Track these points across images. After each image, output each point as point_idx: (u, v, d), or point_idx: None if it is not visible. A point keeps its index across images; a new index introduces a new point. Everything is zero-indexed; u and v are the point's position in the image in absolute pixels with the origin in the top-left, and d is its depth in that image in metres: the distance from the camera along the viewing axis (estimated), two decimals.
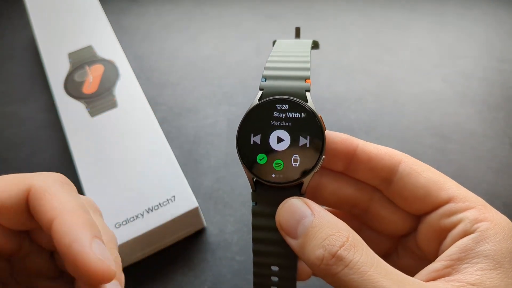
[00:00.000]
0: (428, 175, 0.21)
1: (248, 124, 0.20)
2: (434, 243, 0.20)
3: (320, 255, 0.17)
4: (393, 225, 0.23)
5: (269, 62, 0.21)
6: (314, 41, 0.24)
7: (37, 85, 0.44)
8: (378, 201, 0.23)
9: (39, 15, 0.43)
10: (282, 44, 0.23)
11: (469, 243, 0.18)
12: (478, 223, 0.18)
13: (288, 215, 0.19)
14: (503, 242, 0.18)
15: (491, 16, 0.48)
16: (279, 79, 0.21)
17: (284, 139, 0.20)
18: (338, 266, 0.16)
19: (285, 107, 0.20)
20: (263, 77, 0.21)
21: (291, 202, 0.19)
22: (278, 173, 0.20)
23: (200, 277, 0.32)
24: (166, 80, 0.44)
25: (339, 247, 0.17)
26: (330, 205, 0.24)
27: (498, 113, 0.40)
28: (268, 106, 0.20)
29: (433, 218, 0.20)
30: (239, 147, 0.20)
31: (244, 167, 0.20)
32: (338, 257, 0.17)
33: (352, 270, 0.16)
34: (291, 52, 0.22)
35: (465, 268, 0.17)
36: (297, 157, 0.19)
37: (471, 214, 0.19)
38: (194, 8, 0.51)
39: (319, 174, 0.23)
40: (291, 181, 0.19)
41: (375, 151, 0.21)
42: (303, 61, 0.21)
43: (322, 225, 0.18)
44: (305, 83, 0.20)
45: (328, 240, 0.17)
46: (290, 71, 0.21)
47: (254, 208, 0.20)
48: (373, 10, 0.50)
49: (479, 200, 0.20)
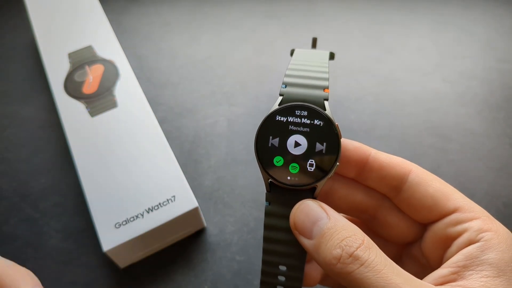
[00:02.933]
0: (436, 185, 0.21)
1: (267, 127, 0.21)
2: (439, 250, 0.21)
3: (337, 255, 0.18)
4: (400, 232, 0.23)
5: (289, 70, 0.22)
6: (330, 52, 0.25)
7: (37, 85, 0.44)
8: (387, 209, 0.23)
9: (39, 15, 0.43)
10: (301, 54, 0.24)
11: (474, 251, 0.19)
12: (483, 233, 0.19)
13: (303, 216, 0.19)
14: (507, 252, 0.18)
15: (491, 16, 0.48)
16: (299, 87, 0.21)
17: (301, 144, 0.20)
18: (354, 265, 0.17)
19: (304, 113, 0.21)
20: (284, 84, 0.22)
21: (306, 203, 0.20)
22: (293, 176, 0.20)
23: (200, 277, 0.32)
24: (166, 80, 0.44)
25: (356, 248, 0.18)
26: (340, 210, 0.24)
27: (498, 113, 0.40)
28: (287, 111, 0.21)
29: (439, 227, 0.21)
30: (257, 148, 0.21)
31: (261, 168, 0.21)
32: (355, 257, 0.17)
33: (367, 269, 0.17)
34: (311, 61, 0.23)
35: (470, 275, 0.18)
36: (313, 162, 0.20)
37: (476, 224, 0.20)
38: (194, 8, 0.51)
39: (332, 179, 0.23)
40: (306, 184, 0.20)
41: (387, 160, 0.22)
42: (322, 71, 0.22)
43: (338, 227, 0.19)
44: (323, 92, 0.21)
45: (346, 241, 0.18)
46: (310, 80, 0.22)
47: (267, 208, 0.21)
48: (373, 10, 0.50)
49: (484, 211, 0.20)
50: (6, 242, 0.34)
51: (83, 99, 0.37)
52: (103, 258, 0.33)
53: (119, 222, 0.30)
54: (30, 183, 0.37)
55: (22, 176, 0.38)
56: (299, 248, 0.20)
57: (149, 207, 0.30)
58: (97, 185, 0.32)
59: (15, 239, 0.34)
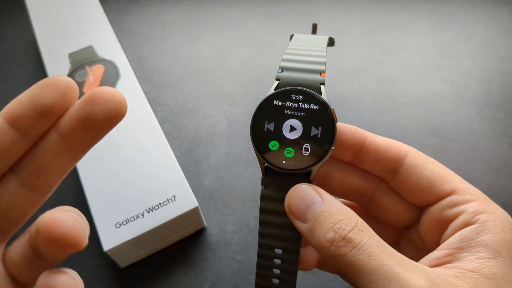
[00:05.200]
0: (433, 168, 0.21)
1: (263, 112, 0.21)
2: (435, 233, 0.21)
3: (331, 238, 0.18)
4: (397, 215, 0.23)
5: (286, 54, 0.22)
6: (330, 38, 0.25)
7: None
8: (384, 192, 0.23)
9: (40, 15, 0.44)
10: (299, 38, 0.24)
11: (470, 233, 0.19)
12: (479, 215, 0.19)
13: (298, 200, 0.20)
14: (502, 233, 0.18)
15: (491, 16, 0.48)
16: (295, 71, 0.21)
17: (297, 128, 0.20)
18: (347, 248, 0.17)
19: (300, 97, 0.21)
20: (280, 68, 0.22)
21: (301, 187, 0.20)
22: (288, 160, 0.20)
23: (200, 276, 0.32)
24: (167, 80, 0.44)
25: (349, 231, 0.18)
26: (337, 194, 0.24)
27: (498, 113, 0.40)
28: (283, 96, 0.21)
29: (435, 209, 0.21)
30: (252, 132, 0.21)
31: (257, 152, 0.21)
32: (348, 240, 0.18)
33: (359, 251, 0.17)
34: (308, 46, 0.23)
35: (465, 257, 0.18)
36: (308, 146, 0.20)
37: (472, 206, 0.20)
38: (194, 8, 0.51)
39: (328, 163, 0.23)
40: (301, 168, 0.20)
41: (383, 143, 0.22)
42: (319, 55, 0.22)
43: (332, 211, 0.19)
44: (320, 76, 0.21)
45: (339, 224, 0.18)
46: (306, 64, 0.21)
47: (263, 192, 0.21)
48: (373, 10, 0.50)
49: (481, 193, 0.20)
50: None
51: None
52: (103, 257, 0.33)
53: (119, 221, 0.30)
54: None
55: None
56: (294, 231, 0.20)
57: (149, 206, 0.30)
58: (97, 185, 0.32)
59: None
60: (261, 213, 0.21)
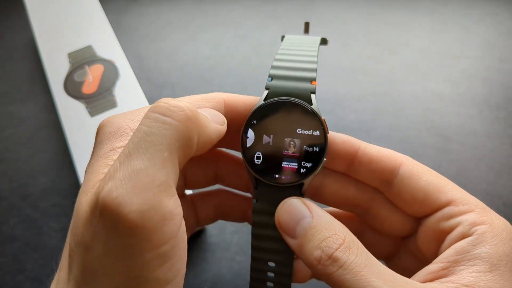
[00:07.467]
0: (428, 178, 0.21)
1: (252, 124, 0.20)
2: (433, 245, 0.21)
3: (317, 256, 0.17)
4: (394, 226, 0.23)
5: (276, 61, 0.21)
6: (322, 38, 0.24)
7: (37, 85, 0.44)
8: (380, 202, 0.23)
9: (39, 15, 0.43)
10: (290, 41, 0.23)
11: (466, 246, 0.18)
12: (476, 226, 0.19)
13: (287, 215, 0.19)
14: (500, 245, 0.18)
15: (491, 16, 0.48)
16: (285, 79, 0.21)
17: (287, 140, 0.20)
18: (333, 267, 0.17)
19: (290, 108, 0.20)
20: (270, 76, 0.21)
21: (290, 202, 0.19)
22: (279, 173, 0.20)
23: (200, 277, 0.32)
24: (166, 80, 0.44)
25: (335, 249, 0.17)
26: (332, 205, 0.24)
27: (499, 113, 0.40)
28: (272, 107, 0.20)
29: (432, 221, 0.21)
30: (242, 146, 0.20)
31: (246, 165, 0.20)
32: (334, 259, 0.17)
33: (346, 271, 0.17)
34: (299, 51, 0.22)
35: (460, 270, 0.18)
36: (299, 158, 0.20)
37: (469, 218, 0.19)
38: (194, 8, 0.51)
39: (322, 174, 0.23)
40: (292, 182, 0.20)
41: (376, 153, 0.22)
42: (310, 61, 0.21)
43: (320, 227, 0.18)
44: (310, 84, 0.20)
45: (325, 242, 0.18)
46: (296, 72, 0.21)
47: (255, 205, 0.21)
48: (373, 10, 0.50)
49: (479, 203, 0.20)
50: (6, 242, 0.34)
51: (83, 99, 0.37)
52: None
53: None
54: (30, 183, 0.37)
55: (22, 176, 0.38)
56: (287, 245, 0.20)
57: None
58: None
59: (15, 239, 0.34)
60: (253, 226, 0.21)
